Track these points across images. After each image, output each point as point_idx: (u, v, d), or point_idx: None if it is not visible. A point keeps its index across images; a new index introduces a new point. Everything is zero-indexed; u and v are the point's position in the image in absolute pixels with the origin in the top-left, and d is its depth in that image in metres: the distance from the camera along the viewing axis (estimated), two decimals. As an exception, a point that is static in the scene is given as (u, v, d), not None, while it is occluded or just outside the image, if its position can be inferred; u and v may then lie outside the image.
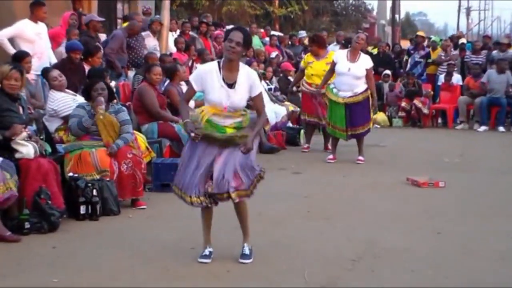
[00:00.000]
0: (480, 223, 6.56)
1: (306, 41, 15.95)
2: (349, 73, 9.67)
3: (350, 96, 9.71)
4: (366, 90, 9.74)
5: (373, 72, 10.07)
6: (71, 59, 9.00)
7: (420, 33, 18.64)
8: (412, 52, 17.28)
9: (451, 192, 7.96)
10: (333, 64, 9.90)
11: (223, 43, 5.06)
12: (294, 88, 12.10)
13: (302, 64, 11.25)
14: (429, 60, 16.80)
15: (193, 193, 5.00)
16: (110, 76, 9.49)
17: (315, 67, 10.78)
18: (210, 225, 5.23)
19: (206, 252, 5.17)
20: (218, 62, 5.06)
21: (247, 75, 5.03)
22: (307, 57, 11.10)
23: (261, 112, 5.10)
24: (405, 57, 17.41)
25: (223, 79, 4.98)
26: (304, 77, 10.97)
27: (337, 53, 10.30)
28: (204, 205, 5.04)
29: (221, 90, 4.96)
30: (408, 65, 16.94)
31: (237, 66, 5.02)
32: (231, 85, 4.98)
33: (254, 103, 5.12)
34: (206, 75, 5.02)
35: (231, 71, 5.00)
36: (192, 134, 4.90)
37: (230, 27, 9.10)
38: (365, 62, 9.82)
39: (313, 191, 7.92)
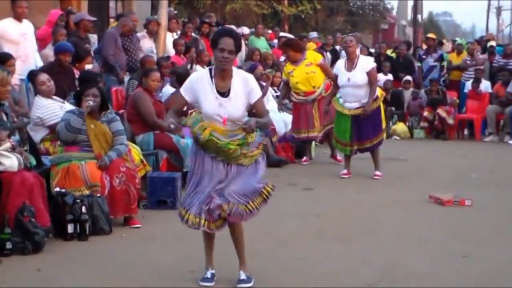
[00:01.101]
0: (511, 246, 6.54)
1: (308, 47, 15.86)
2: (349, 83, 9.71)
3: (357, 108, 9.74)
4: (375, 100, 9.75)
5: (376, 73, 10.10)
6: (60, 61, 9.03)
7: (430, 35, 18.70)
8: (424, 57, 17.28)
9: (478, 212, 7.94)
10: (336, 77, 9.98)
11: (213, 50, 5.06)
12: (287, 101, 12.19)
13: (284, 76, 11.35)
14: (443, 64, 16.85)
15: (192, 211, 5.03)
16: (108, 81, 9.54)
17: (297, 75, 10.92)
18: (213, 245, 5.25)
19: (208, 274, 5.19)
20: (210, 70, 5.08)
21: (242, 81, 5.04)
22: (286, 68, 11.25)
23: (264, 116, 5.11)
24: (417, 64, 17.37)
25: (216, 89, 5.00)
26: (292, 89, 11.07)
27: (337, 64, 10.30)
28: (200, 228, 5.05)
29: (216, 101, 4.98)
30: (423, 72, 16.98)
31: (231, 73, 5.04)
32: (225, 94, 5.00)
33: (256, 110, 5.13)
34: (198, 85, 5.04)
35: (224, 79, 5.02)
36: (172, 126, 4.94)
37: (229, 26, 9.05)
38: (365, 65, 9.78)
39: (325, 210, 7.92)
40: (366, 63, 9.86)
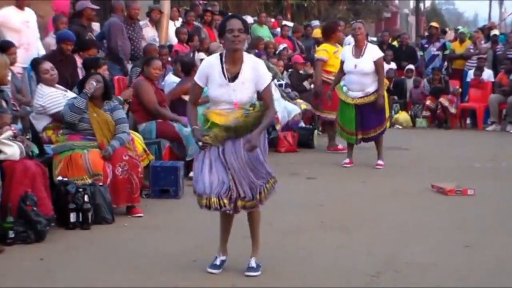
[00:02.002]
0: (513, 235, 6.53)
1: (315, 34, 15.86)
2: (356, 70, 9.65)
3: (361, 97, 9.69)
4: (378, 88, 9.70)
5: (383, 62, 10.06)
6: (62, 50, 9.00)
7: (433, 23, 18.68)
8: (426, 46, 17.23)
9: (481, 201, 7.92)
10: (341, 63, 9.92)
11: (222, 37, 5.09)
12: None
13: (323, 55, 11.19)
14: (446, 52, 16.84)
15: (212, 194, 4.96)
16: (112, 69, 9.51)
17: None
18: (229, 231, 5.24)
19: (218, 261, 5.18)
20: (220, 55, 5.09)
21: (252, 66, 5.04)
22: (329, 48, 11.16)
23: (269, 106, 5.10)
24: (420, 53, 17.35)
25: (227, 74, 5.00)
26: (330, 68, 10.99)
27: (343, 50, 10.26)
28: (224, 209, 4.99)
29: (225, 86, 4.99)
30: (426, 61, 16.95)
31: (241, 57, 5.05)
32: (235, 79, 5.00)
33: (263, 96, 5.13)
34: (209, 69, 5.06)
35: (235, 64, 5.03)
36: (200, 143, 4.97)
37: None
38: (372, 53, 9.72)
39: (328, 199, 7.91)
40: (374, 52, 9.78)
